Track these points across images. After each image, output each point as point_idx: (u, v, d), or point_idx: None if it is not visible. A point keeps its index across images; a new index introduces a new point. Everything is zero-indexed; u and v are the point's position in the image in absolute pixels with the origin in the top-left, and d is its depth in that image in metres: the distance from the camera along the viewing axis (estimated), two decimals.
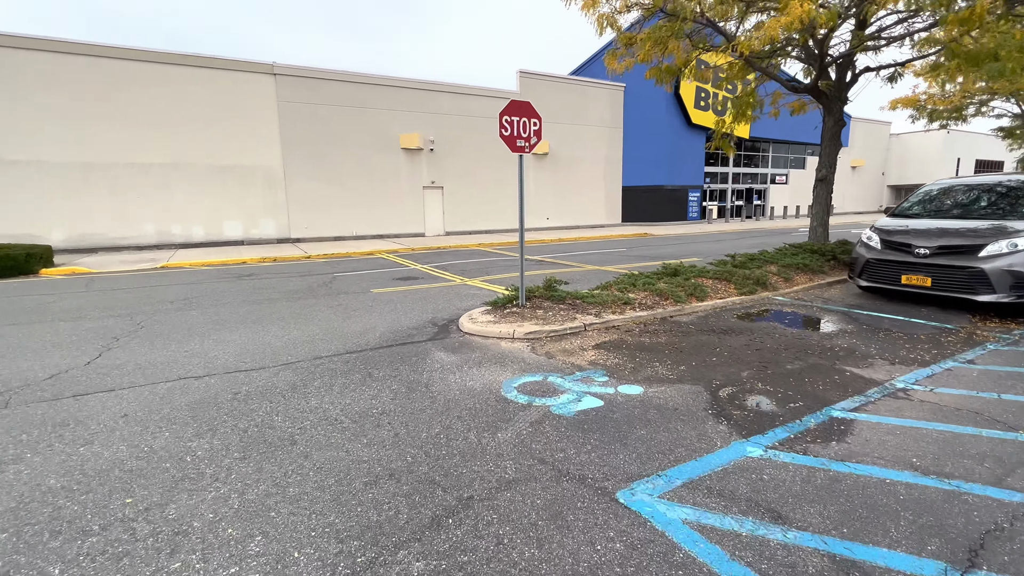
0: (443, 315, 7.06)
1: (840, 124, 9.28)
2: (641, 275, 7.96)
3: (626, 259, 13.86)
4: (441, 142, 22.61)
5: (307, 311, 7.62)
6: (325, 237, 20.50)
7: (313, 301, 8.52)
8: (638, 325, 6.10)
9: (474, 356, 5.05)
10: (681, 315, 6.60)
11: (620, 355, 4.98)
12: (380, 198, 21.57)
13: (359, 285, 10.19)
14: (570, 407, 3.73)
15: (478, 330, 5.80)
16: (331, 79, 19.93)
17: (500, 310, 6.44)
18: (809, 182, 39.71)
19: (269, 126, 19.06)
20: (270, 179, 19.33)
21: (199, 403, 3.96)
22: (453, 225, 23.55)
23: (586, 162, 27.61)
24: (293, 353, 5.31)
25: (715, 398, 3.88)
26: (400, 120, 21.54)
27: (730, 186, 35.16)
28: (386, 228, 21.88)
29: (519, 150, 6.04)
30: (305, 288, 9.94)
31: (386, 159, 21.48)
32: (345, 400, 3.96)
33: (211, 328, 6.59)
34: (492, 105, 23.76)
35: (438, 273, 11.75)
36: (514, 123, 5.91)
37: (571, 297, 6.63)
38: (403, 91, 21.47)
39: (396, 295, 8.93)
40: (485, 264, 13.23)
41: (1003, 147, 54.81)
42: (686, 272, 7.93)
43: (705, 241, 19.31)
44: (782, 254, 9.41)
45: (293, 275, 11.84)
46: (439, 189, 23.01)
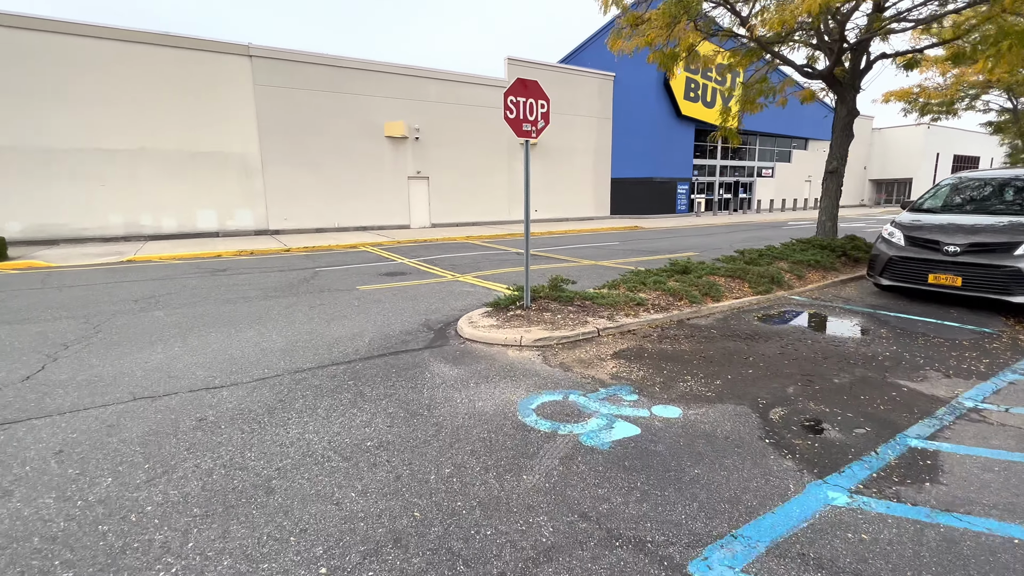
0: (438, 317, 6.43)
1: (854, 113, 8.85)
2: (649, 273, 7.42)
3: (621, 253, 13.35)
4: (427, 131, 21.78)
5: (287, 312, 6.91)
6: (305, 229, 19.58)
7: (293, 300, 7.80)
8: (655, 329, 5.56)
9: (479, 368, 4.44)
10: (698, 317, 6.08)
11: (644, 366, 4.43)
12: (363, 188, 20.69)
13: (343, 281, 9.48)
14: (602, 436, 3.16)
15: (481, 336, 5.19)
16: (310, 62, 18.92)
17: (503, 312, 5.84)
18: (794, 176, 39.92)
19: (245, 111, 18.01)
20: (246, 167, 18.31)
21: (155, 434, 3.29)
22: (439, 217, 22.79)
23: (575, 153, 27.02)
24: (271, 365, 4.64)
25: (766, 422, 3.35)
26: (384, 107, 20.63)
27: (717, 179, 34.99)
28: (370, 220, 21.03)
29: (525, 134, 5.41)
30: (284, 284, 9.19)
31: (370, 148, 20.58)
32: (333, 428, 3.32)
33: (178, 332, 5.86)
34: (480, 93, 22.97)
35: (427, 268, 11.08)
36: (520, 105, 5.27)
37: (579, 298, 6.05)
38: (387, 77, 20.55)
39: (384, 293, 8.26)
40: (475, 258, 12.58)
41: (980, 143, 55.86)
42: (697, 270, 7.42)
43: (696, 235, 18.94)
44: (791, 250, 8.97)
45: (271, 270, 11.04)
46: (425, 180, 22.21)
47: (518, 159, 24.74)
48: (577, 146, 26.96)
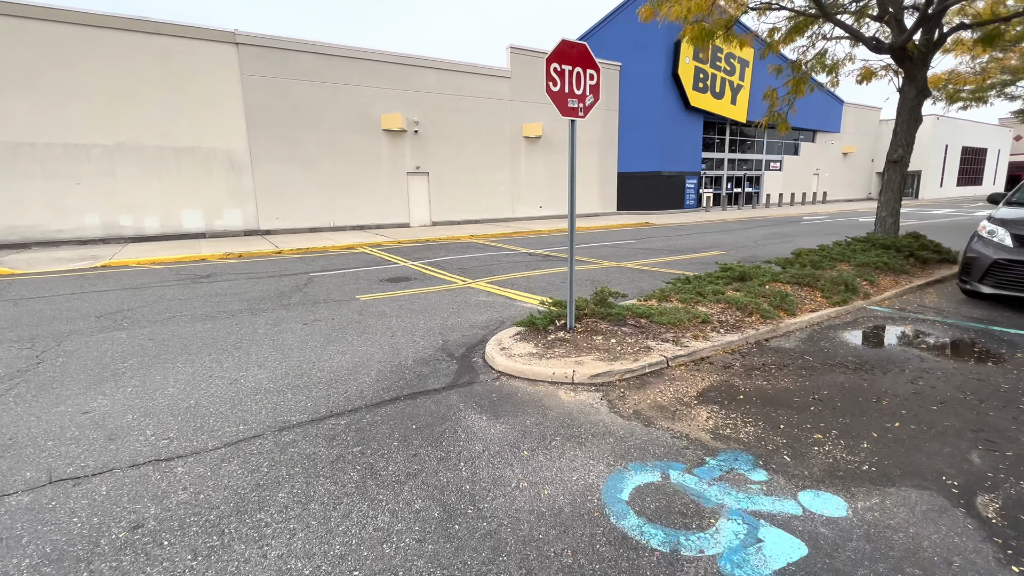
0: (458, 337, 5.30)
1: (925, 94, 7.75)
2: (702, 280, 6.31)
3: (642, 253, 12.24)
4: (426, 124, 20.57)
5: (274, 331, 5.76)
6: (299, 229, 18.37)
7: (283, 314, 6.64)
8: (733, 355, 4.45)
9: (529, 422, 3.32)
10: (777, 337, 4.98)
11: (749, 416, 3.32)
12: (360, 185, 19.48)
13: (340, 289, 8.32)
14: (753, 560, 2.05)
15: (520, 369, 4.06)
16: (302, 50, 17.67)
17: (540, 335, 4.71)
18: (802, 169, 38.89)
19: (232, 103, 16.76)
20: (234, 163, 17.07)
21: (56, 561, 2.15)
22: (440, 215, 21.61)
23: (580, 146, 25.83)
24: (248, 416, 3.50)
25: (983, 523, 2.25)
26: (381, 99, 19.40)
27: (725, 172, 33.89)
28: (367, 218, 19.83)
29: (571, 112, 4.27)
30: (274, 294, 8.03)
31: (366, 142, 19.36)
32: (333, 546, 2.18)
33: (137, 363, 4.71)
34: (481, 84, 21.77)
35: (433, 272, 9.94)
36: (565, 75, 4.13)
37: (632, 314, 4.93)
38: (384, 66, 19.31)
39: (388, 304, 7.12)
40: (485, 260, 11.44)
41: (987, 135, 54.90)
42: (757, 276, 6.31)
43: (713, 231, 17.85)
44: (851, 250, 7.88)
45: (261, 275, 9.87)
46: (424, 175, 21.01)
47: (522, 153, 23.56)
48: (582, 138, 25.78)
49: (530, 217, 24.32)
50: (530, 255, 12.33)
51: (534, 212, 24.50)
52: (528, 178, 24.04)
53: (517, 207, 23.89)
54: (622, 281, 8.57)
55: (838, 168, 42.01)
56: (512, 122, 23.00)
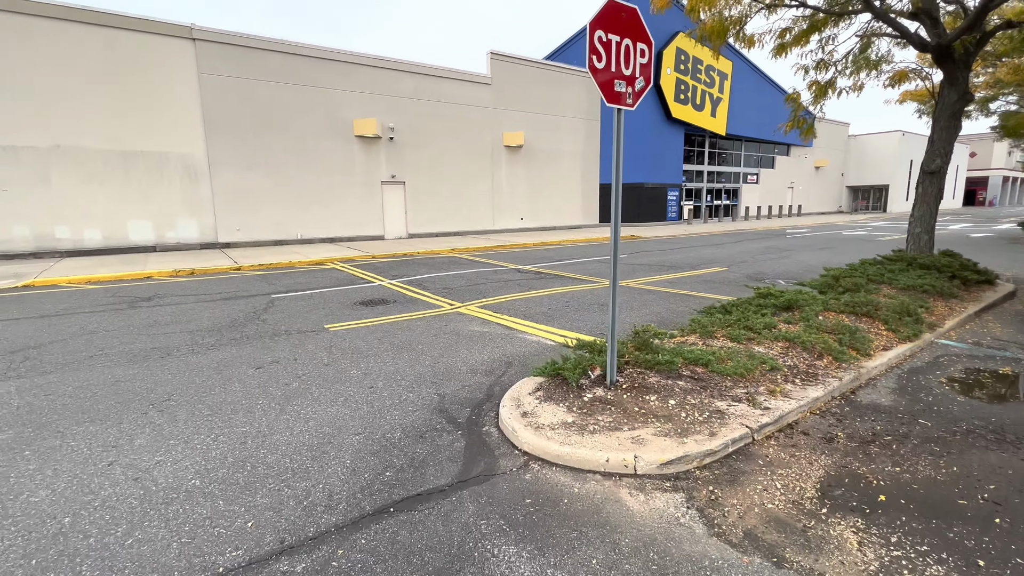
0: (456, 387, 4.14)
1: (967, 98, 7.06)
2: (744, 308, 5.32)
3: (640, 270, 11.28)
4: (403, 130, 19.38)
5: (218, 379, 4.47)
6: (262, 241, 16.83)
7: (233, 352, 5.34)
8: (826, 417, 3.42)
9: (595, 563, 2.18)
10: (862, 386, 3.99)
11: (915, 538, 2.26)
12: (331, 194, 18.09)
13: (306, 316, 7.02)
14: None
15: (555, 452, 2.90)
16: (268, 49, 16.29)
17: (571, 392, 3.58)
18: (778, 182, 39.12)
19: (188, 104, 15.23)
20: (190, 169, 15.49)
21: None
22: (417, 226, 20.36)
23: (563, 157, 25.06)
24: (155, 558, 2.26)
25: None
26: (354, 103, 18.14)
27: (705, 185, 33.70)
28: (338, 230, 18.42)
29: (616, 99, 3.21)
30: (226, 323, 6.68)
31: (338, 148, 18.03)
32: None
33: (9, 439, 3.38)
34: (461, 90, 20.74)
35: (415, 293, 8.72)
36: (612, 48, 3.07)
37: (684, 361, 3.85)
38: (358, 69, 18.08)
39: (365, 336, 5.88)
40: (471, 279, 10.28)
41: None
42: (806, 304, 5.34)
43: (704, 245, 17.12)
44: (889, 271, 7.05)
45: (213, 298, 8.46)
46: (400, 185, 19.76)
47: (503, 163, 22.57)
48: (564, 149, 25.01)
49: (511, 229, 23.29)
50: (519, 272, 11.23)
51: (515, 224, 23.49)
52: (509, 189, 23.05)
53: (498, 219, 22.84)
54: (632, 305, 7.53)
55: (811, 182, 42.56)
56: (493, 130, 22.02)
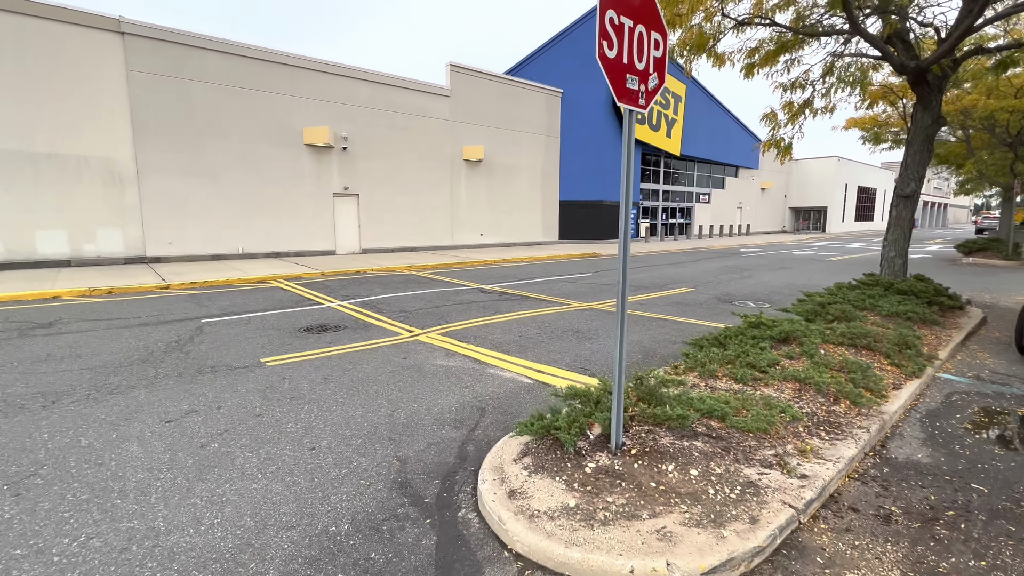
0: (420, 447, 3.39)
1: (940, 123, 7.03)
2: (738, 340, 4.85)
3: (608, 290, 10.85)
4: (356, 140, 18.41)
5: (112, 440, 3.51)
6: (198, 256, 15.35)
7: (142, 398, 4.34)
8: (869, 485, 2.90)
9: None
10: (889, 437, 3.53)
11: None
12: (277, 206, 16.84)
13: (240, 346, 6.04)
14: None
15: (559, 557, 2.18)
16: (208, 48, 15.05)
17: (568, 459, 2.90)
18: (728, 202, 40.43)
19: (114, 103, 13.75)
20: (115, 174, 13.94)
21: None
22: (371, 241, 19.32)
23: (522, 172, 24.72)
24: None
25: None
26: (305, 110, 17.06)
27: (660, 204, 34.29)
28: (285, 244, 17.14)
29: (628, 99, 2.60)
30: (139, 355, 5.61)
31: (285, 157, 16.85)
32: None
33: None
34: (419, 101, 20.03)
35: (369, 317, 7.85)
36: (624, 35, 2.49)
37: (697, 412, 3.25)
38: (309, 74, 17.06)
39: (308, 372, 5.00)
40: (432, 300, 9.49)
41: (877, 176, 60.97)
42: (803, 336, 4.93)
43: (665, 264, 17.02)
44: (870, 297, 6.84)
45: (130, 323, 7.28)
46: (354, 197, 18.73)
47: (462, 177, 21.94)
48: (524, 164, 24.70)
49: (470, 245, 22.61)
50: (483, 292, 10.55)
51: (474, 240, 22.83)
52: (468, 203, 22.41)
53: (456, 234, 22.11)
54: (610, 332, 6.98)
55: (758, 202, 44.32)
56: (452, 143, 21.39)
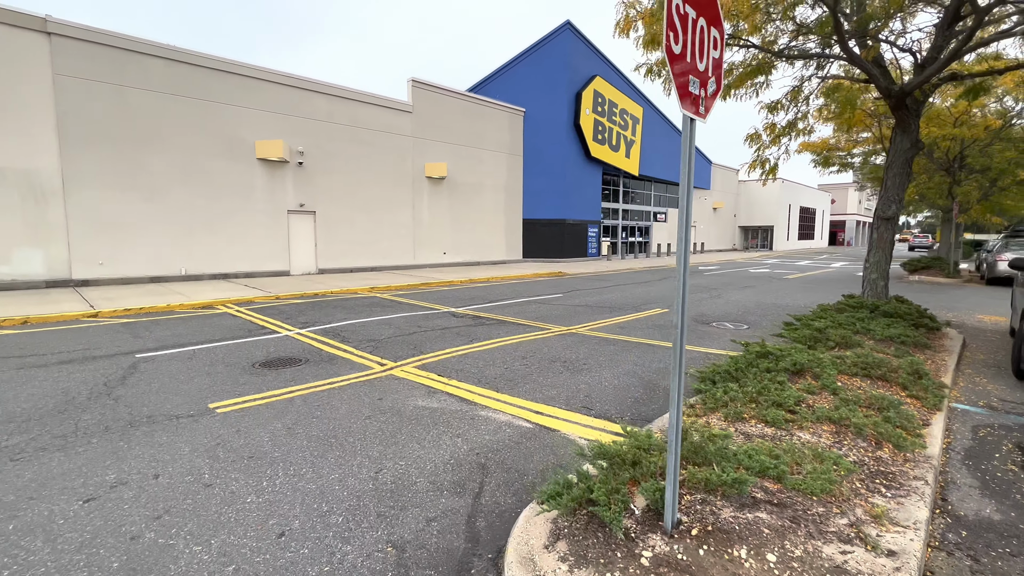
0: (418, 527, 2.75)
1: (918, 146, 7.11)
2: (750, 372, 4.49)
3: (583, 312, 10.46)
4: (314, 155, 17.51)
5: (4, 532, 2.68)
6: (134, 278, 13.94)
7: (54, 464, 3.48)
8: (952, 553, 2.51)
9: None
10: (943, 485, 3.19)
11: None
12: (226, 223, 15.64)
13: (184, 389, 5.17)
14: None
15: None
16: (149, 54, 13.91)
17: (620, 548, 2.34)
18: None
19: (37, 109, 12.38)
20: (36, 187, 12.49)
21: None
22: (329, 260, 18.31)
23: (486, 190, 24.36)
24: None
25: None
26: (258, 122, 16.06)
27: (620, 222, 34.74)
28: (234, 264, 15.91)
29: (690, 103, 2.12)
30: (54, 405, 4.65)
31: (236, 171, 15.73)
32: None
33: None
34: (380, 116, 19.37)
35: (333, 347, 7.07)
36: (689, 26, 2.05)
37: (747, 471, 2.79)
38: (262, 85, 16.11)
39: (269, 420, 4.24)
40: (401, 326, 8.79)
41: (816, 198, 64.57)
42: (818, 367, 4.63)
43: (632, 283, 16.90)
44: (860, 320, 6.73)
45: (46, 360, 6.20)
46: (310, 214, 17.73)
47: (425, 194, 21.32)
48: (487, 182, 24.35)
49: (433, 264, 21.90)
50: (455, 316, 9.92)
51: (437, 259, 22.14)
52: (431, 221, 21.76)
53: (419, 253, 21.37)
54: (600, 361, 6.52)
55: (711, 221, 45.82)
56: (414, 160, 20.78)
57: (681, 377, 2.32)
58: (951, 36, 6.19)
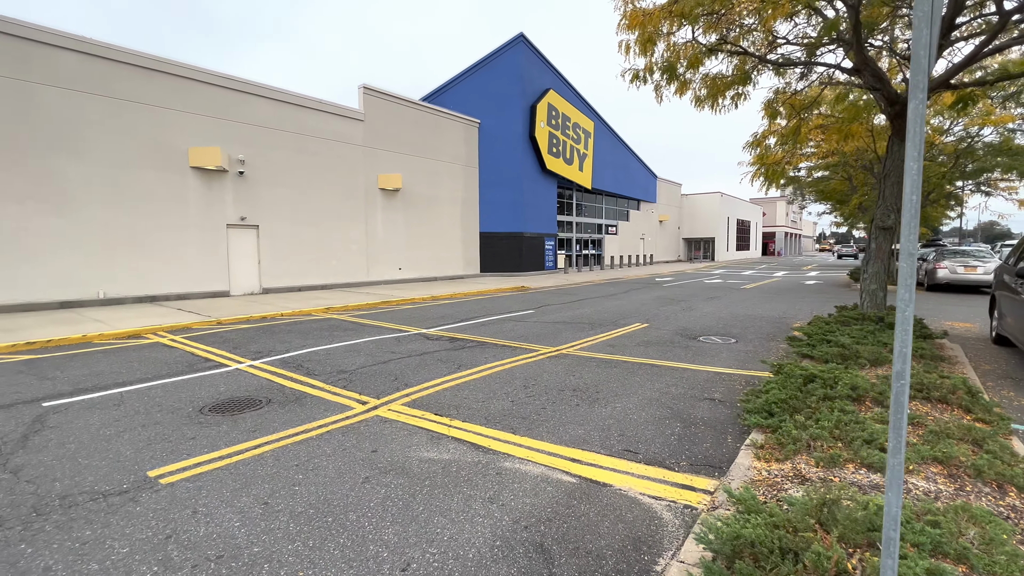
0: None
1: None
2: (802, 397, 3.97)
3: (563, 329, 9.82)
4: (257, 164, 16.02)
5: None
6: (39, 304, 11.96)
7: None
8: None
9: None
10: None
11: None
12: (153, 239, 13.87)
13: (111, 448, 4.00)
14: None
15: None
16: (62, 47, 12.14)
17: None
18: (632, 234, 42.27)
19: None
20: None
21: None
22: (274, 279, 16.74)
23: (443, 203, 23.48)
24: None
25: None
26: (191, 127, 14.47)
27: (574, 235, 34.79)
28: (163, 285, 14.11)
29: None
30: None
31: (165, 181, 14.04)
32: None
33: None
34: (330, 124, 18.13)
35: (298, 382, 5.99)
36: None
37: (923, 550, 2.16)
38: (197, 87, 14.57)
39: (233, 493, 3.20)
40: (371, 352, 7.78)
41: (749, 211, 68.17)
42: (876, 391, 4.17)
43: (599, 296, 16.54)
44: (869, 332, 6.47)
45: None
46: (253, 229, 16.17)
47: (378, 207, 20.16)
48: (443, 195, 23.49)
49: (388, 281, 20.69)
50: (428, 339, 9.00)
51: (393, 275, 20.96)
52: (386, 236, 20.59)
53: (373, 269, 20.12)
54: (613, 390, 5.85)
55: (657, 234, 47.03)
56: (367, 171, 19.62)
57: (901, 453, 1.65)
58: (946, 45, 6.16)
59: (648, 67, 7.88)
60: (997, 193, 19.64)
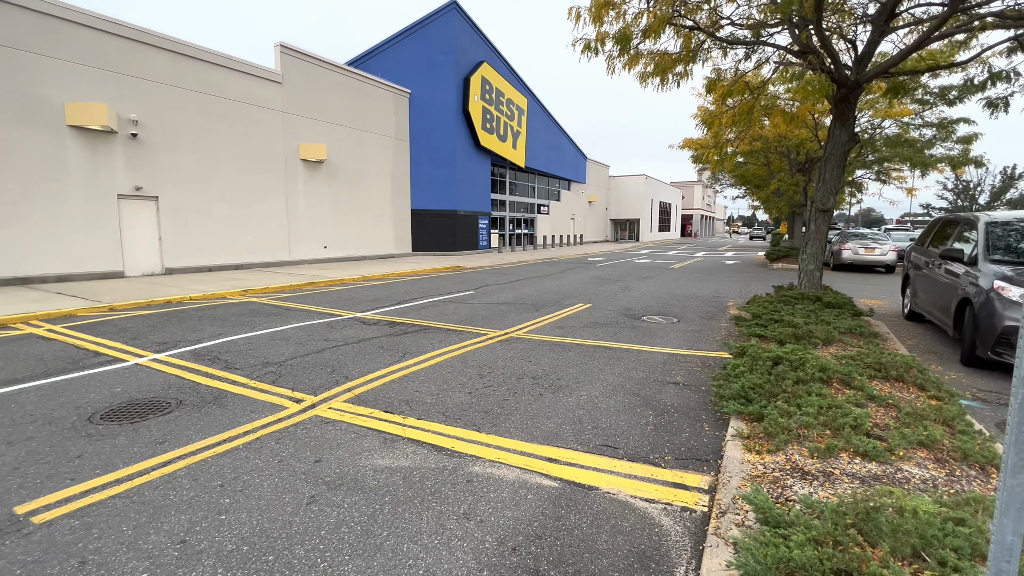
0: None
1: (855, 140, 7.24)
2: (783, 382, 3.87)
3: (508, 311, 9.48)
4: (153, 126, 14.02)
5: None
6: None
7: None
8: None
9: None
10: None
11: None
12: (23, 210, 11.74)
13: None
14: None
15: None
16: None
17: None
18: (563, 214, 42.70)
19: None
20: None
21: None
22: (179, 258, 14.91)
23: (371, 178, 22.13)
24: None
25: None
26: (69, 79, 12.29)
27: (507, 214, 34.44)
28: (38, 265, 12.05)
29: None
30: None
31: (36, 141, 11.87)
32: None
33: None
34: (243, 85, 16.25)
35: (217, 380, 5.15)
36: None
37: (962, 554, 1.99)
38: (75, 30, 12.36)
39: (137, 534, 2.50)
40: (302, 340, 6.97)
41: (671, 194, 71.29)
42: (845, 373, 4.17)
43: (534, 276, 16.37)
44: (810, 311, 6.66)
45: None
46: (151, 200, 14.23)
47: (300, 180, 18.55)
48: (372, 169, 22.13)
49: (313, 260, 19.26)
50: (365, 324, 8.28)
51: (318, 253, 19.53)
52: (309, 211, 19.06)
53: (295, 248, 18.60)
54: (576, 377, 5.55)
55: (587, 214, 47.86)
56: (287, 140, 17.92)
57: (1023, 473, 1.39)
58: (887, 32, 6.33)
59: (599, 37, 7.53)
60: (890, 181, 21.66)
